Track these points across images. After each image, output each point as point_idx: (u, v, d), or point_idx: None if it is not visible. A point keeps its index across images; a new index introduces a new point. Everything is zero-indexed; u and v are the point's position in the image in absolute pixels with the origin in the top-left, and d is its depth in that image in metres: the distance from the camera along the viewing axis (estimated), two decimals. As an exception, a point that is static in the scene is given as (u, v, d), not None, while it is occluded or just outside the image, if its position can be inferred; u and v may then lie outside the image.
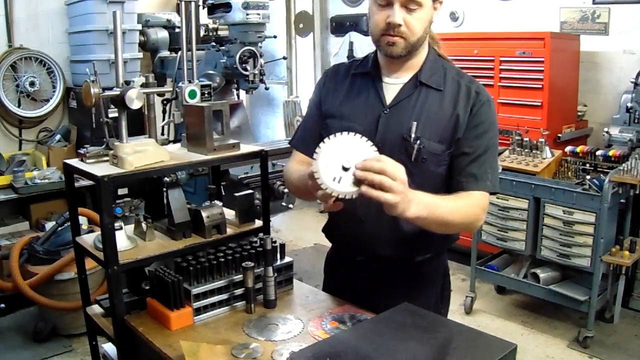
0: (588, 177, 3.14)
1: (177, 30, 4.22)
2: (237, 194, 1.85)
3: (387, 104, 1.53)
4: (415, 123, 1.47)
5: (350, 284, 1.67)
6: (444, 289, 1.69)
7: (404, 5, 1.41)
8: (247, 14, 3.32)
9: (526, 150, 3.48)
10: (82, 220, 2.94)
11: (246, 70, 3.38)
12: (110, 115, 1.70)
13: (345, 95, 1.60)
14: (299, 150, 1.67)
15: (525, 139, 3.49)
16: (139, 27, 4.05)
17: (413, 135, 1.46)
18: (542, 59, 3.66)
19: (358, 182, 1.21)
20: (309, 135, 1.65)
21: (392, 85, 1.54)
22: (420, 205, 1.31)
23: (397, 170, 1.23)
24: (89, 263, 1.89)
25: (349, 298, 1.65)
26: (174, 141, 2.13)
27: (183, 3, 1.98)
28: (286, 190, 3.20)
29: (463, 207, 1.45)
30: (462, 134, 1.49)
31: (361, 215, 1.53)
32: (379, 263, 1.60)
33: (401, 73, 1.54)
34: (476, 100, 1.49)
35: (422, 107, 1.50)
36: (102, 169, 1.60)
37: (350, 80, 1.61)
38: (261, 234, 1.83)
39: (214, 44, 3.63)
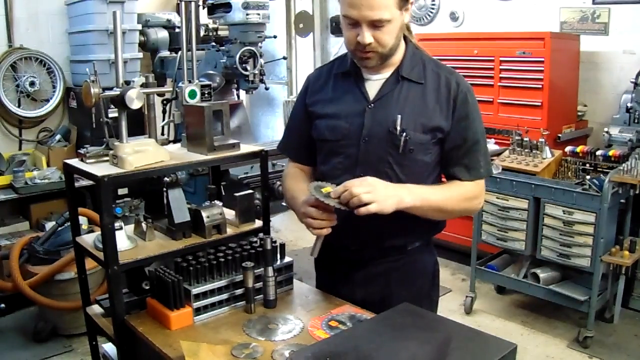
0: (588, 177, 3.14)
1: (177, 30, 4.22)
2: (237, 194, 1.86)
3: (371, 99, 1.57)
4: (399, 116, 1.51)
5: (345, 276, 1.68)
6: (435, 277, 1.75)
7: (371, 25, 1.44)
8: (247, 14, 3.32)
9: (526, 150, 3.48)
10: (82, 220, 2.93)
11: (246, 70, 3.38)
12: (110, 115, 1.70)
13: (330, 96, 1.65)
14: (292, 158, 1.76)
15: (525, 139, 3.49)
16: (139, 27, 4.05)
17: (399, 128, 1.51)
18: (542, 59, 3.66)
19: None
20: (297, 140, 1.73)
21: (374, 82, 1.59)
22: (414, 196, 1.45)
23: (357, 181, 1.41)
24: (89, 263, 1.89)
25: (345, 291, 1.67)
26: (174, 141, 2.13)
27: (183, 3, 1.98)
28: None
29: (457, 194, 1.55)
30: (451, 127, 1.54)
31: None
32: (373, 251, 1.63)
33: (381, 69, 1.58)
34: (458, 91, 1.55)
35: (405, 100, 1.55)
36: (102, 169, 1.60)
37: (333, 81, 1.66)
38: (261, 234, 1.83)
39: (214, 44, 3.63)
